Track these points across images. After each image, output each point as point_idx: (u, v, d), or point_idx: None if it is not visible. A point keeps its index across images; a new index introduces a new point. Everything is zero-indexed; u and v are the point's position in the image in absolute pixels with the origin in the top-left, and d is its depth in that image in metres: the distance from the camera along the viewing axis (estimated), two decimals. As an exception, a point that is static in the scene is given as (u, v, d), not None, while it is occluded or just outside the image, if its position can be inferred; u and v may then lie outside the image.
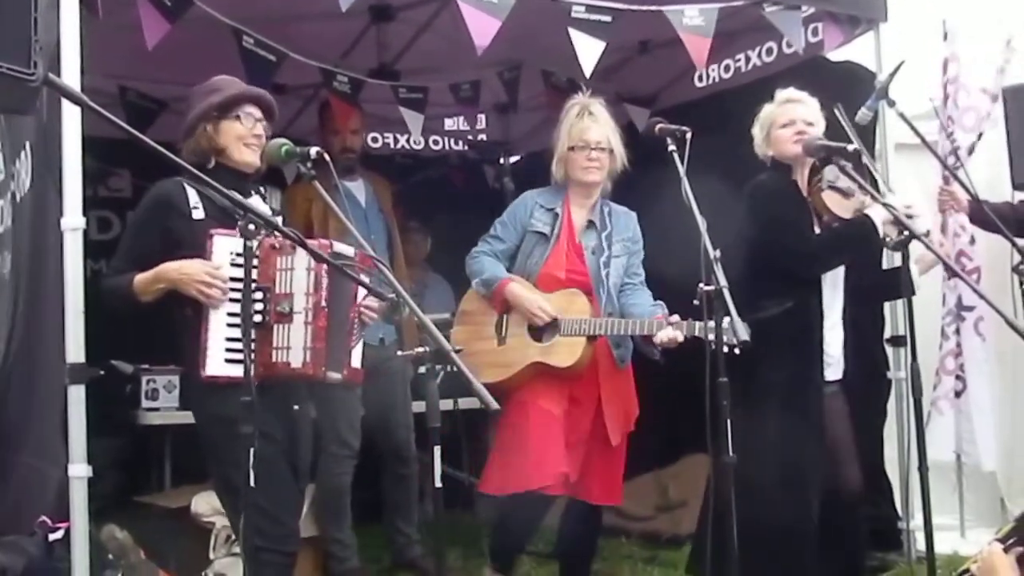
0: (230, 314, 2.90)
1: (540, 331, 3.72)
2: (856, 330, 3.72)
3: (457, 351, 2.40)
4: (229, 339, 2.89)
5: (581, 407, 3.72)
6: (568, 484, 3.65)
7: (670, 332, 3.43)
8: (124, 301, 2.96)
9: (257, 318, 2.86)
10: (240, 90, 3.14)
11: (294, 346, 2.90)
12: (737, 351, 3.20)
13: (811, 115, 3.64)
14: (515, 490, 3.62)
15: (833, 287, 3.62)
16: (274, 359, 2.91)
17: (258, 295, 2.88)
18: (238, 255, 2.78)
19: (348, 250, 3.05)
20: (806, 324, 3.49)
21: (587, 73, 3.90)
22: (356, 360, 3.14)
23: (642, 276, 3.86)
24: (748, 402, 3.33)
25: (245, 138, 3.07)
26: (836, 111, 3.63)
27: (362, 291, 3.08)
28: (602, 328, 3.65)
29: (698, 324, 3.34)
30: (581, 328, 3.64)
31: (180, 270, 2.90)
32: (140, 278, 2.94)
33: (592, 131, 3.73)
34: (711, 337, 3.15)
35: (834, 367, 3.62)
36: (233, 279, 2.89)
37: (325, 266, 2.87)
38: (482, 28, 3.66)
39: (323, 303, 2.92)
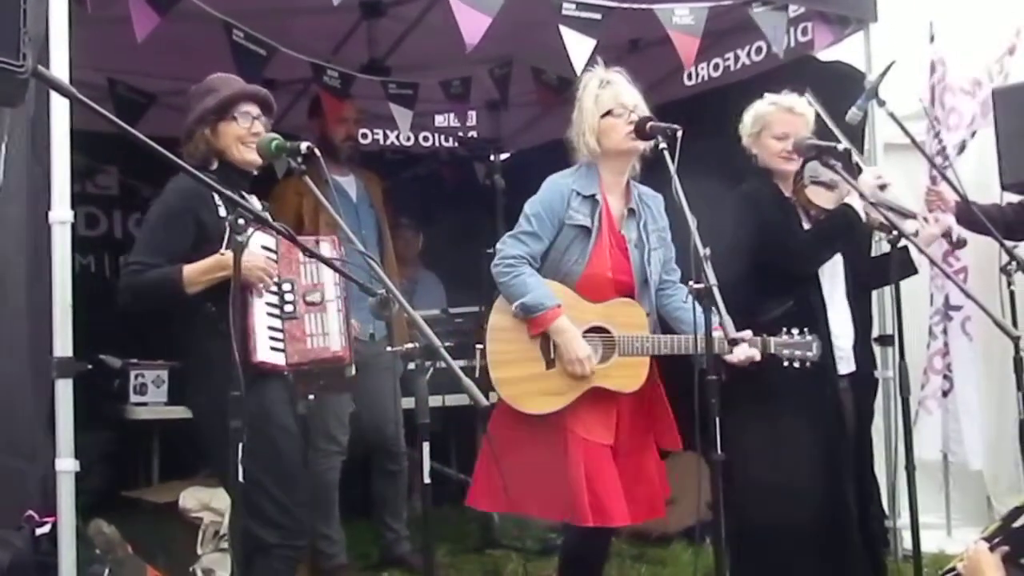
0: (268, 304, 2.98)
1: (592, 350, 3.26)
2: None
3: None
4: (271, 327, 2.97)
5: (624, 430, 3.33)
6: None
7: (747, 350, 3.11)
8: (165, 294, 2.93)
9: (288, 308, 2.98)
10: (235, 90, 3.13)
11: (331, 332, 3.02)
12: (808, 365, 3.22)
13: (806, 130, 3.65)
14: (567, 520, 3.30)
15: (832, 278, 3.63)
16: (310, 345, 2.98)
17: (286, 287, 2.99)
18: (265, 248, 2.95)
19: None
20: (810, 319, 3.48)
21: (578, 71, 3.89)
22: None
23: (679, 272, 3.46)
24: (762, 403, 3.37)
25: (244, 138, 3.08)
26: (807, 97, 3.64)
27: None
28: (665, 347, 3.25)
29: (773, 340, 3.22)
30: (643, 348, 3.24)
31: (245, 258, 2.87)
32: (192, 268, 2.91)
33: (627, 95, 3.34)
34: (784, 352, 3.18)
35: (846, 360, 3.63)
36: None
37: (344, 255, 3.04)
38: (472, 25, 3.66)
39: (345, 293, 3.06)
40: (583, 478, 3.16)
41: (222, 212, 2.97)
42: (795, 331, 3.28)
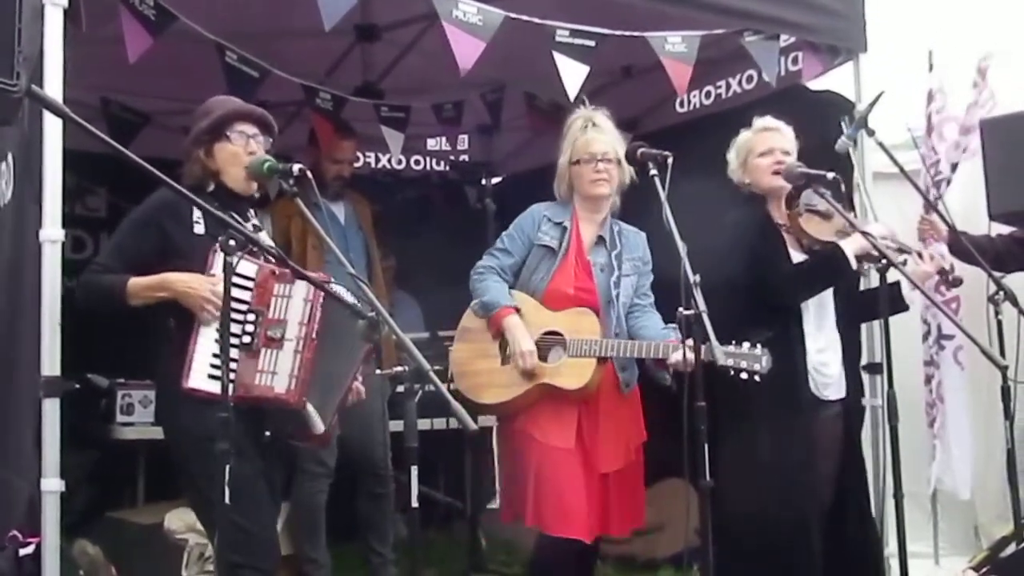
0: (219, 330, 2.87)
1: (547, 351, 3.57)
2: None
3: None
4: (216, 355, 2.86)
5: (585, 439, 3.54)
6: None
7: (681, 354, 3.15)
8: (110, 299, 2.92)
9: (246, 339, 2.87)
10: (228, 109, 3.10)
11: (280, 372, 2.88)
12: (757, 378, 3.20)
13: (788, 144, 3.69)
14: (549, 532, 3.46)
15: (819, 308, 3.64)
16: (257, 381, 2.88)
17: (251, 317, 2.88)
18: (242, 275, 2.82)
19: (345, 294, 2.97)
20: (787, 349, 3.49)
21: (571, 96, 3.91)
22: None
23: (652, 298, 3.72)
24: (737, 429, 3.37)
25: (239, 157, 3.04)
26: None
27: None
28: (612, 350, 3.50)
29: (717, 348, 3.13)
30: (591, 349, 3.48)
31: (188, 283, 2.87)
32: (137, 282, 2.90)
33: (597, 143, 3.64)
34: (728, 363, 3.15)
35: (834, 387, 3.64)
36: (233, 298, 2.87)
37: (320, 300, 2.88)
38: (466, 50, 3.67)
39: (314, 335, 2.90)
40: (533, 480, 3.45)
41: (198, 230, 2.95)
42: (746, 344, 3.22)
